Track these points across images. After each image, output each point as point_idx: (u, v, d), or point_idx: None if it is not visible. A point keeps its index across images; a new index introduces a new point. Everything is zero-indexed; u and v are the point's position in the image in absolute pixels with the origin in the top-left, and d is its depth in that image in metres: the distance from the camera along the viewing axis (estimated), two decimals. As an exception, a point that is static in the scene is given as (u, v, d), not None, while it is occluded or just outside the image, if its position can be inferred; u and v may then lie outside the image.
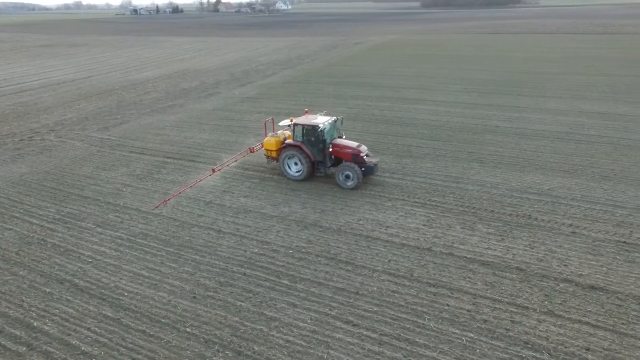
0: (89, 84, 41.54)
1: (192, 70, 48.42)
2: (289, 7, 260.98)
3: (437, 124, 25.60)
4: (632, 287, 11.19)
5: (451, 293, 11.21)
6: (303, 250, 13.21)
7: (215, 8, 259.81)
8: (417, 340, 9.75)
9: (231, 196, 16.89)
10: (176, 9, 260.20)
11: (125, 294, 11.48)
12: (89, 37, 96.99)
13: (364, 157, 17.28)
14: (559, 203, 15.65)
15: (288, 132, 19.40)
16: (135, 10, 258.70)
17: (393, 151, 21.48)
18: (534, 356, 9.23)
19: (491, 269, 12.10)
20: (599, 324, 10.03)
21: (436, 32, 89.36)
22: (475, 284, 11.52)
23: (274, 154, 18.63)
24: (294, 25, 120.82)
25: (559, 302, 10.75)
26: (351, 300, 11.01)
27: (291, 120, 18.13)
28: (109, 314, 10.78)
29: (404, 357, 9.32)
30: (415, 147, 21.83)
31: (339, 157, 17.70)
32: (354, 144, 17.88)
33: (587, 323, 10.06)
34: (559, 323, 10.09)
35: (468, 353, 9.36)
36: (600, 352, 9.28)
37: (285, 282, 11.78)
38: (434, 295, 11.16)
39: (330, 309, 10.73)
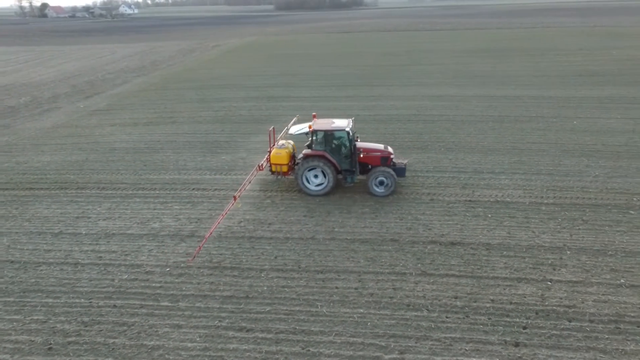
0: None
1: (18, 85, 40.74)
2: (135, 11, 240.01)
3: (305, 119, 26.35)
4: (480, 236, 13.14)
5: (338, 275, 11.56)
6: (182, 265, 12.12)
7: (42, 13, 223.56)
8: (313, 329, 9.77)
9: (87, 221, 14.60)
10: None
11: (-52, 368, 8.92)
12: None
13: (393, 159, 16.07)
14: (417, 176, 17.53)
15: (292, 142, 17.24)
16: None
17: (266, 149, 21.33)
18: (415, 315, 10.08)
19: (370, 245, 12.87)
20: (461, 273, 11.48)
21: (292, 32, 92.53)
22: (358, 262, 12.10)
23: (285, 169, 16.26)
24: (143, 30, 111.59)
25: (429, 262, 11.99)
26: (242, 306, 10.49)
27: (310, 128, 15.89)
28: None
29: (302, 349, 9.23)
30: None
31: (364, 163, 16.07)
32: (379, 146, 16.54)
33: (453, 275, 11.42)
34: (432, 280, 11.24)
35: (361, 328, 9.74)
36: (466, 297, 10.62)
37: (166, 303, 10.62)
38: (323, 281, 11.36)
39: (220, 320, 10.04)
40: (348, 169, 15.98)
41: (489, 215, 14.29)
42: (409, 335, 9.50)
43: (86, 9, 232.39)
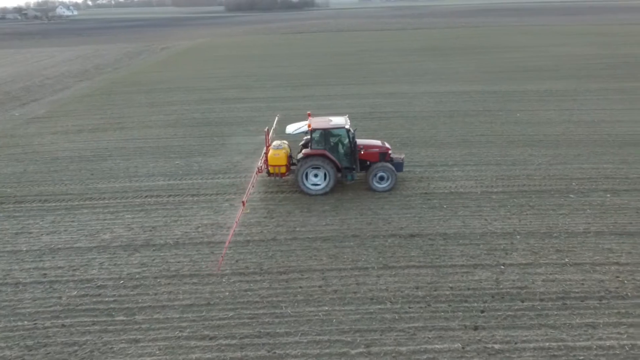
0: None
1: (-58, 93, 37.17)
2: (74, 12, 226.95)
3: (260, 120, 26.04)
4: (437, 227, 13.56)
5: (302, 275, 11.47)
6: (137, 276, 11.53)
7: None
8: (278, 330, 9.62)
9: (28, 237, 13.53)
10: None
11: None
12: None
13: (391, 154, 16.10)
14: (374, 172, 17.78)
15: (286, 142, 16.68)
16: None
17: (222, 151, 20.89)
18: (379, 308, 10.20)
19: (332, 242, 12.90)
20: (421, 264, 11.78)
21: (244, 34, 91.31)
22: (321, 259, 12.08)
23: (283, 170, 15.93)
24: (85, 33, 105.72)
25: (390, 255, 12.20)
26: (203, 314, 10.14)
27: (309, 127, 15.56)
28: None
29: (268, 352, 9.06)
30: (244, 145, 21.71)
31: (363, 159, 16.01)
32: (376, 142, 16.56)
33: (413, 266, 11.69)
34: (393, 273, 11.43)
35: (326, 326, 9.71)
36: (426, 286, 10.89)
37: (121, 318, 10.04)
38: (286, 281, 11.23)
39: (180, 331, 9.63)
40: (348, 166, 15.99)
41: (445, 206, 14.78)
42: (373, 328, 9.60)
43: (18, 10, 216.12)
